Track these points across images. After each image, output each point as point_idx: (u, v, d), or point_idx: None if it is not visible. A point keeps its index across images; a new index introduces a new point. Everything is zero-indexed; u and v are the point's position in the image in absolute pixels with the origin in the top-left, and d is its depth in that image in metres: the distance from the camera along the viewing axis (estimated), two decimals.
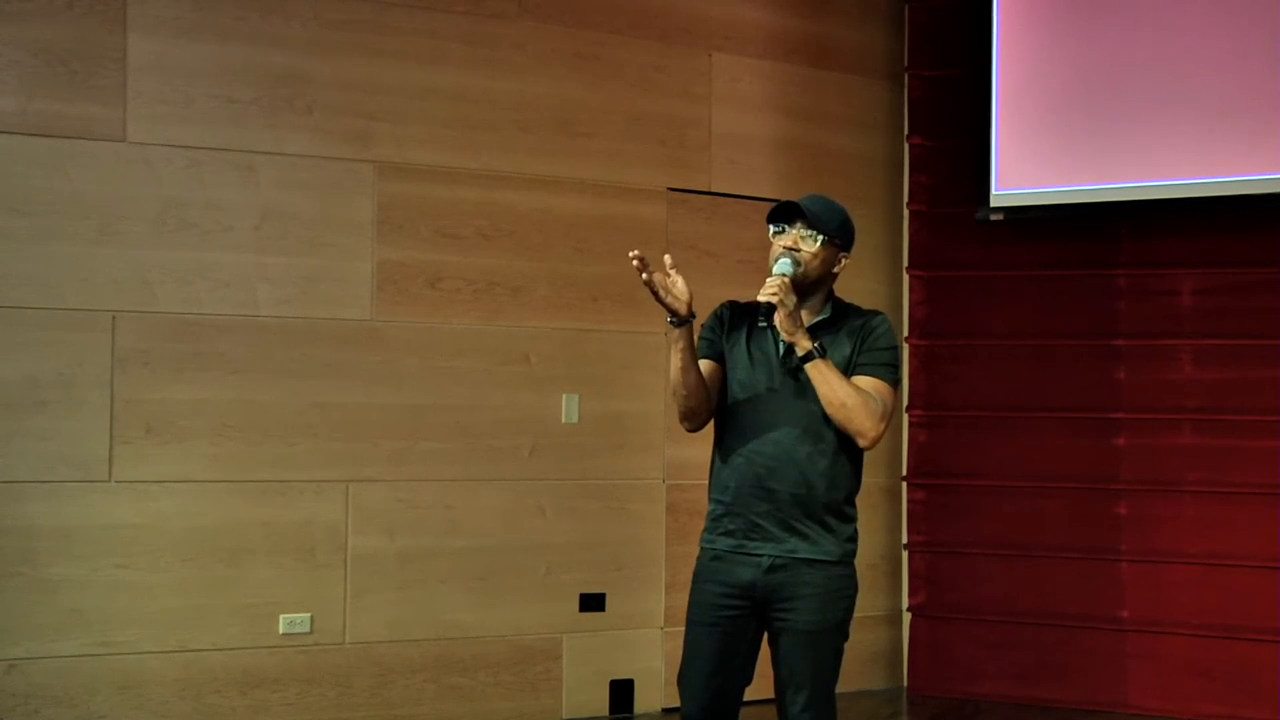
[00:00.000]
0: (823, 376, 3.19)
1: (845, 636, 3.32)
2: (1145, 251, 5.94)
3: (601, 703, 5.62)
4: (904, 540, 6.29)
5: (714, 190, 5.90)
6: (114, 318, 4.90)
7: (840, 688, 3.33)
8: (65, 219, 4.85)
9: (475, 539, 5.40)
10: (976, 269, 6.22)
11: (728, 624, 3.29)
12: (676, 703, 3.46)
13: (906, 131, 6.36)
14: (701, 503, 5.58)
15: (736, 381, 3.33)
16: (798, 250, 3.27)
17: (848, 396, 3.18)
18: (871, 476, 6.32)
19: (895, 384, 3.31)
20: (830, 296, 3.38)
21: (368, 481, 5.24)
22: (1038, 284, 6.13)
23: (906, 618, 6.27)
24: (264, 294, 5.11)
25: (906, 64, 6.37)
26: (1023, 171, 5.99)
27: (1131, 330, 5.96)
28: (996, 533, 6.12)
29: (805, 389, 3.25)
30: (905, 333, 6.32)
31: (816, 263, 3.29)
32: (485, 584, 5.41)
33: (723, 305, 3.46)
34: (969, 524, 6.17)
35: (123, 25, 4.93)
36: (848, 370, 3.26)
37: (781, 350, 3.30)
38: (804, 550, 3.24)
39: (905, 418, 6.29)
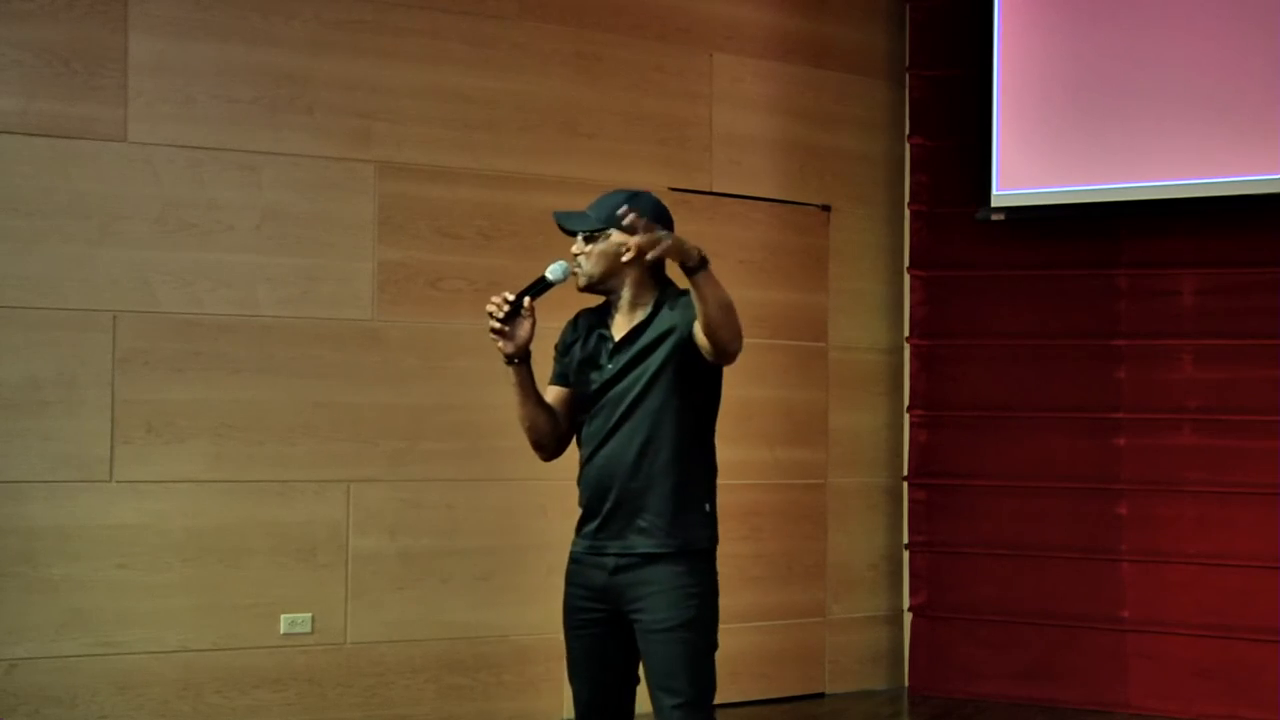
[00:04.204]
0: (712, 280, 2.97)
1: None
2: (1145, 251, 5.94)
3: None
4: (905, 540, 6.29)
5: (715, 190, 5.90)
6: (114, 318, 4.90)
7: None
8: (65, 219, 4.84)
9: (476, 539, 5.40)
10: (977, 269, 6.22)
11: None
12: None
13: (907, 131, 6.36)
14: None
15: (578, 393, 3.33)
16: (579, 255, 3.27)
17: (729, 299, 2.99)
18: (872, 476, 6.42)
19: None
20: (652, 288, 3.25)
21: (369, 481, 5.23)
22: (1038, 284, 6.13)
23: (907, 618, 6.27)
24: (264, 294, 5.10)
25: (907, 64, 6.38)
26: (1023, 171, 5.99)
27: (1131, 330, 5.96)
28: (997, 533, 6.11)
29: (629, 390, 3.18)
30: (906, 333, 6.32)
31: (592, 262, 3.27)
32: (486, 584, 5.41)
33: (571, 320, 3.43)
34: (969, 524, 6.17)
35: (124, 25, 4.92)
36: (681, 343, 3.12)
37: (607, 354, 3.26)
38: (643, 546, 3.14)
39: (906, 418, 6.30)
